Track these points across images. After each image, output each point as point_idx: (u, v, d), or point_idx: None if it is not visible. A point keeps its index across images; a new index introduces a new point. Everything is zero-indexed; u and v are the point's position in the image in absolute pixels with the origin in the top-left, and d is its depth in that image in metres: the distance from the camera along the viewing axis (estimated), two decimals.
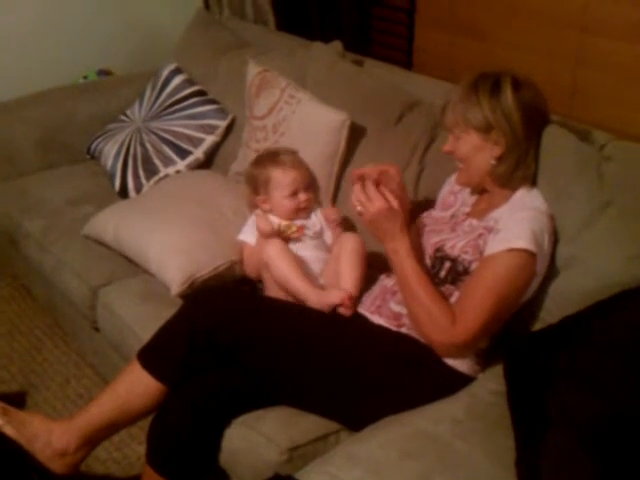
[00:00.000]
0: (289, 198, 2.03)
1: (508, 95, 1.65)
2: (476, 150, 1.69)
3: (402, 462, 1.38)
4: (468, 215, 1.77)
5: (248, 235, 2.07)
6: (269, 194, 2.05)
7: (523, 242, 1.58)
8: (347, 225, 2.12)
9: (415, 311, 1.63)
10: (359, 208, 1.68)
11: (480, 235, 1.68)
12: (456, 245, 1.70)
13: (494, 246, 1.61)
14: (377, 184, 1.68)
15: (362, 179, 1.69)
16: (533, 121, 1.68)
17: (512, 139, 1.66)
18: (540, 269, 1.63)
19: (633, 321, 1.39)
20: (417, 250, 1.71)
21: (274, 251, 1.90)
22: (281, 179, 2.03)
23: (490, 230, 1.66)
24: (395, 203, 1.65)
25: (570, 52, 2.33)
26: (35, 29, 2.95)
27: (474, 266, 1.65)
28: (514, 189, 1.71)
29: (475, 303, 1.57)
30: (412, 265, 1.64)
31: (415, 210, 1.91)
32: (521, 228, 1.60)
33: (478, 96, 1.66)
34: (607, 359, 1.35)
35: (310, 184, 2.10)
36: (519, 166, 1.69)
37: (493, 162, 1.68)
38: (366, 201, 1.66)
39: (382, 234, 1.68)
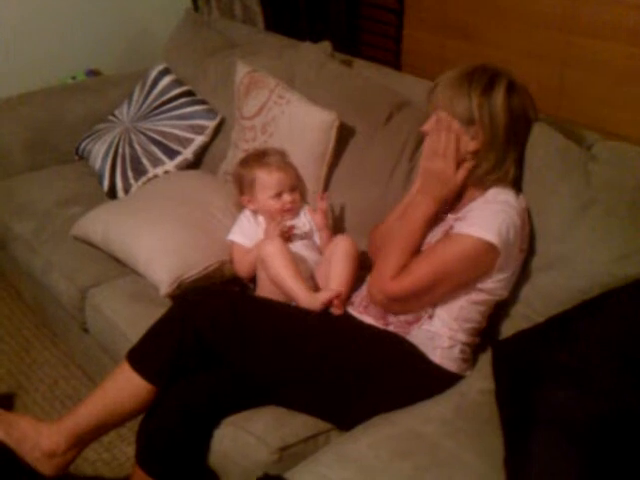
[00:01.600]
0: (274, 199, 2.03)
1: (499, 96, 1.65)
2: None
3: (392, 462, 1.38)
4: (445, 211, 1.78)
5: (237, 235, 2.07)
6: (254, 194, 2.05)
7: (487, 234, 1.59)
8: (337, 225, 2.12)
9: (384, 251, 1.69)
10: (426, 152, 1.72)
11: (451, 227, 1.69)
12: (431, 242, 1.71)
13: (459, 229, 1.64)
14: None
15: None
16: (518, 128, 1.69)
17: (490, 139, 1.66)
18: (504, 263, 1.63)
19: (621, 319, 1.40)
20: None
21: (272, 249, 1.89)
22: (266, 180, 2.04)
23: (459, 219, 1.68)
24: (458, 177, 1.69)
25: (558, 53, 2.34)
26: (23, 29, 2.94)
27: None
28: (486, 188, 1.71)
29: (418, 270, 1.63)
30: (418, 228, 1.69)
31: None
32: (487, 220, 1.62)
33: (470, 88, 1.66)
34: (595, 357, 1.35)
35: (296, 185, 2.10)
36: (495, 168, 1.69)
37: (468, 156, 1.69)
38: (442, 155, 1.68)
39: (425, 186, 1.71)
